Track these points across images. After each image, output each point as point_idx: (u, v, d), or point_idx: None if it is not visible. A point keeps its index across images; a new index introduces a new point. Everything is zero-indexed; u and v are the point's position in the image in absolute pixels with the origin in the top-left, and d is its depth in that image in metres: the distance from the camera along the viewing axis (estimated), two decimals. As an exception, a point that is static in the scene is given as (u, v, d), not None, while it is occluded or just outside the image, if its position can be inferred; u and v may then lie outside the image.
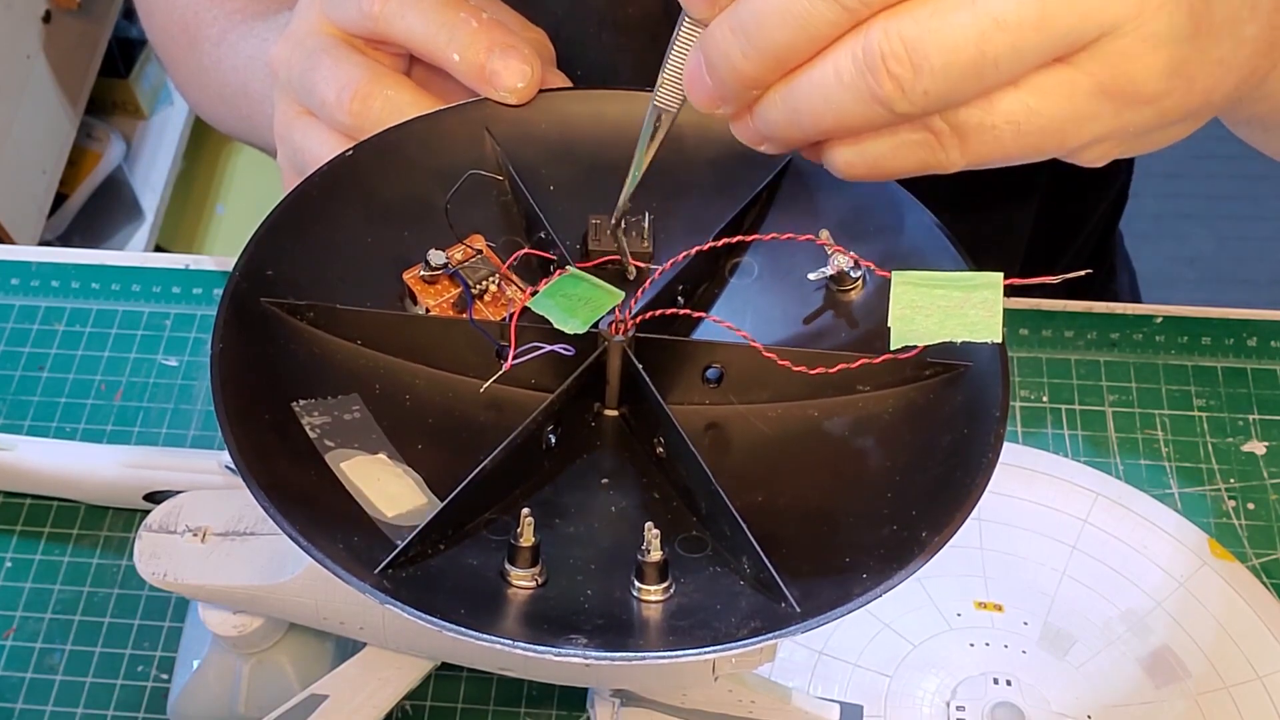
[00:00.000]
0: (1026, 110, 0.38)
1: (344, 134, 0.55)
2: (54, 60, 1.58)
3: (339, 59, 0.55)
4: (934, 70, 0.37)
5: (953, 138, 0.40)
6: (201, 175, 1.91)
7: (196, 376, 0.68)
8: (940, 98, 0.38)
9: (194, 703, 0.56)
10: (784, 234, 0.49)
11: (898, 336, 0.41)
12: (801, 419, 0.47)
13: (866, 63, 0.37)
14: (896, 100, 0.38)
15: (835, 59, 0.38)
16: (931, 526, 0.41)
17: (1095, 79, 0.38)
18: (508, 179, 0.52)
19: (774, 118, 0.41)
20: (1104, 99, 0.38)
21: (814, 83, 0.39)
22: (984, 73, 0.37)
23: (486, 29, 0.53)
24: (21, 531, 0.64)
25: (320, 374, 0.46)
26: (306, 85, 0.56)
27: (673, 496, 0.45)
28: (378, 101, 0.54)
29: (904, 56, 0.37)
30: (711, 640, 0.39)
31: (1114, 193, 0.88)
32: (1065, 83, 0.38)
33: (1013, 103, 0.38)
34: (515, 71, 0.53)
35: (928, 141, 0.40)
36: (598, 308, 0.45)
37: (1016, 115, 0.39)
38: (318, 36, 0.56)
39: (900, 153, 0.40)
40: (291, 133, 0.57)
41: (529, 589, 0.41)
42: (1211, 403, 0.67)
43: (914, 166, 0.41)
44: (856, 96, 0.38)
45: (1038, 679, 0.57)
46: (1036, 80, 0.38)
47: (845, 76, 0.38)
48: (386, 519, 0.43)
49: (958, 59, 0.37)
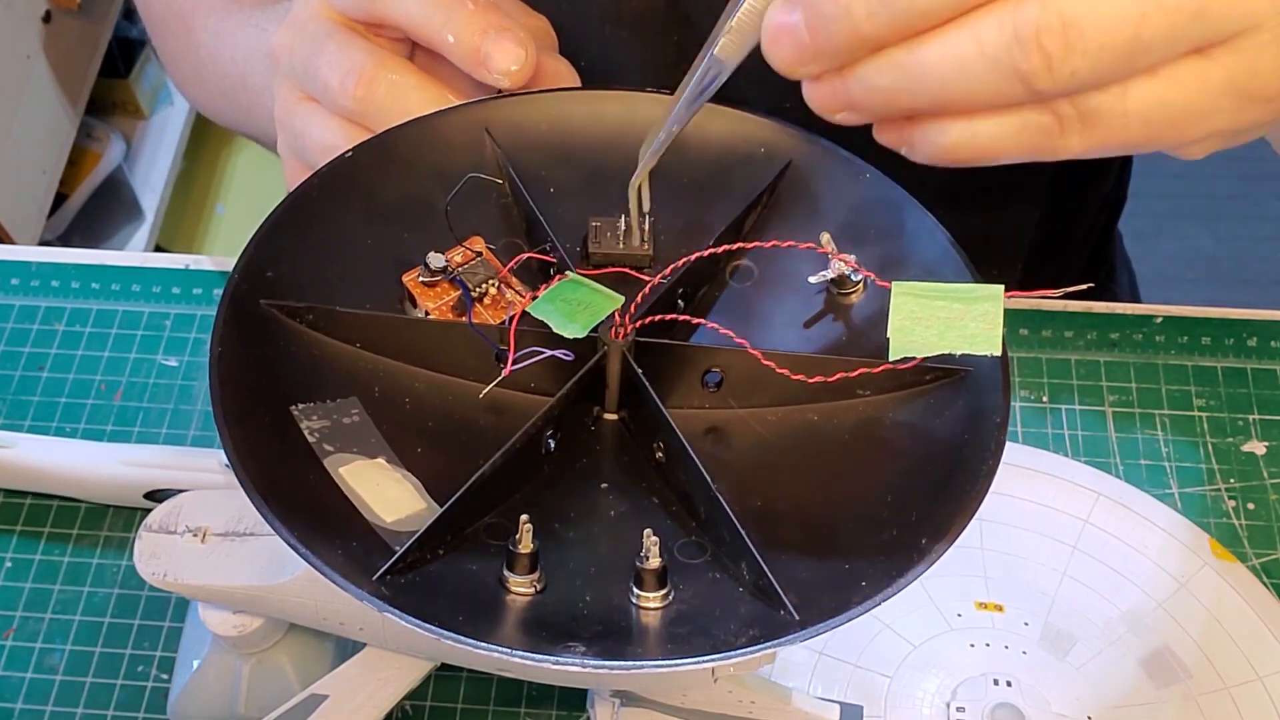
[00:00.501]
0: (1160, 100, 0.38)
1: (348, 119, 0.55)
2: (54, 60, 1.58)
3: (342, 43, 0.55)
4: (1088, 49, 0.36)
5: (1077, 123, 0.38)
6: (201, 175, 1.91)
7: (196, 376, 0.68)
8: (1085, 79, 0.37)
9: (194, 703, 0.56)
10: (785, 239, 0.49)
11: (897, 348, 0.41)
12: (801, 423, 0.47)
13: (1017, 33, 0.36)
14: (1041, 77, 0.36)
15: (979, 26, 0.36)
16: (932, 533, 0.41)
17: (1228, 73, 0.37)
18: (508, 181, 0.52)
19: (881, 83, 0.38)
20: (1230, 94, 0.38)
21: (948, 50, 0.37)
22: (1135, 57, 0.36)
23: (482, 11, 0.53)
24: (21, 531, 0.64)
25: (319, 377, 0.46)
26: (310, 70, 0.56)
27: (672, 501, 0.45)
28: (382, 86, 0.54)
29: (1059, 31, 0.36)
30: (710, 648, 0.39)
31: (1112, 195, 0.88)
32: (1199, 75, 0.37)
33: (1148, 91, 0.38)
34: (509, 55, 0.52)
35: (1048, 126, 0.39)
36: (597, 312, 0.45)
37: (1149, 104, 0.38)
38: (320, 21, 0.56)
39: (1017, 135, 0.39)
40: (293, 119, 0.57)
41: (527, 595, 0.41)
42: (1211, 403, 0.66)
43: (1026, 152, 0.39)
44: (996, 69, 0.37)
45: (1038, 679, 0.57)
46: (1173, 70, 0.37)
47: (989, 47, 0.36)
48: (385, 524, 0.43)
49: (1113, 39, 0.36)
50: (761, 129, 0.52)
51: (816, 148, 0.51)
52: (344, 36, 0.55)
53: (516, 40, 0.53)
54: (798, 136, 0.52)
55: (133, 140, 1.77)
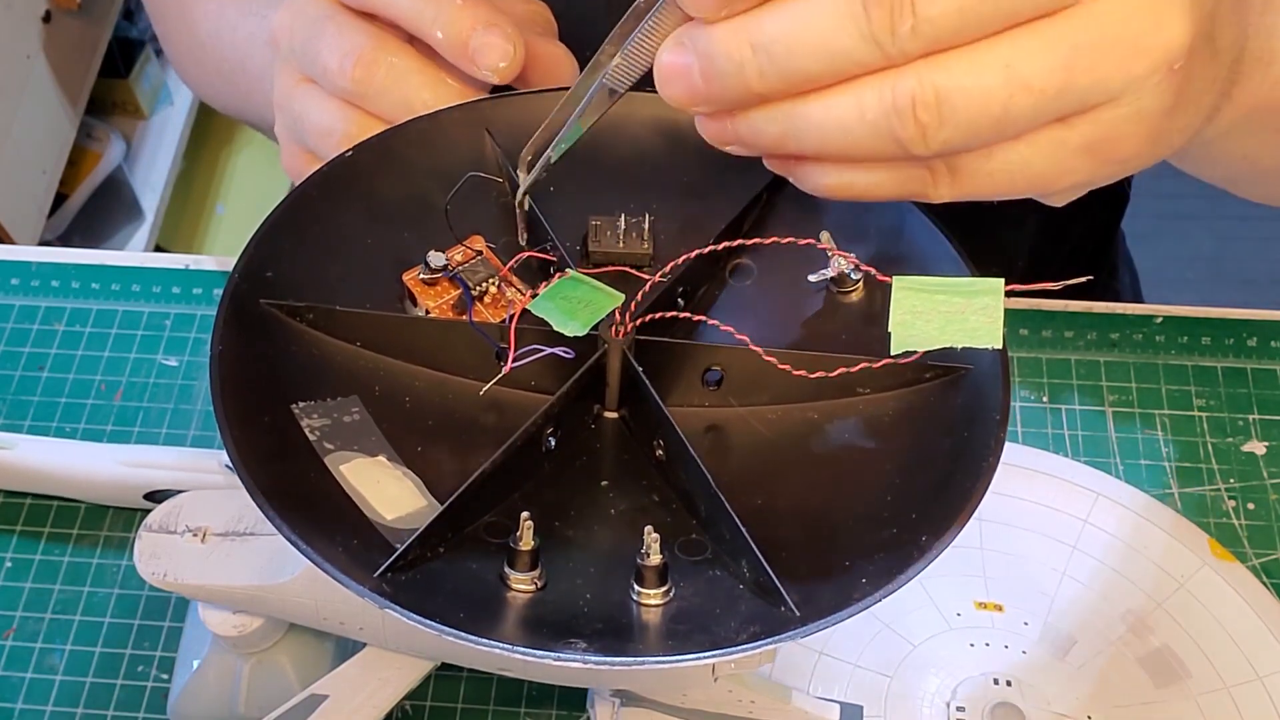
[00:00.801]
0: (1021, 161, 0.40)
1: (346, 101, 0.55)
2: (54, 60, 1.58)
3: (342, 26, 0.55)
4: (959, 123, 0.38)
5: (947, 176, 0.41)
6: (201, 175, 1.91)
7: (196, 376, 0.68)
8: (956, 146, 0.39)
9: (194, 703, 0.56)
10: (785, 236, 0.49)
11: (898, 342, 0.41)
12: (802, 421, 0.47)
13: (895, 104, 0.38)
14: (915, 144, 0.38)
15: (860, 94, 0.38)
16: (932, 530, 0.41)
17: (1084, 139, 0.40)
18: (507, 180, 0.52)
19: (767, 130, 0.40)
20: (1087, 157, 0.40)
21: (831, 111, 0.39)
22: (1003, 128, 0.39)
23: (471, 6, 0.53)
24: (21, 531, 0.64)
25: (320, 376, 0.46)
26: (309, 52, 0.56)
27: (672, 499, 0.45)
28: (381, 68, 0.54)
29: (934, 106, 0.38)
30: (711, 645, 0.39)
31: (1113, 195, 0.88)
32: (1058, 141, 0.40)
33: (1010, 154, 0.40)
34: (497, 51, 0.53)
35: (922, 177, 0.41)
36: (598, 310, 0.45)
37: (1012, 165, 0.40)
38: (320, 4, 0.56)
39: (891, 183, 0.41)
40: (292, 101, 0.57)
41: (528, 593, 0.41)
42: (1211, 403, 0.67)
43: (899, 196, 0.42)
44: (875, 133, 0.39)
45: (1038, 679, 0.57)
46: (1035, 136, 0.40)
47: (869, 113, 0.38)
48: (386, 522, 0.43)
49: (983, 115, 0.38)
50: (762, 128, 0.52)
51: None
52: (343, 19, 0.55)
53: (504, 36, 0.53)
54: None
55: (133, 140, 1.77)
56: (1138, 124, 0.40)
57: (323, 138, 0.55)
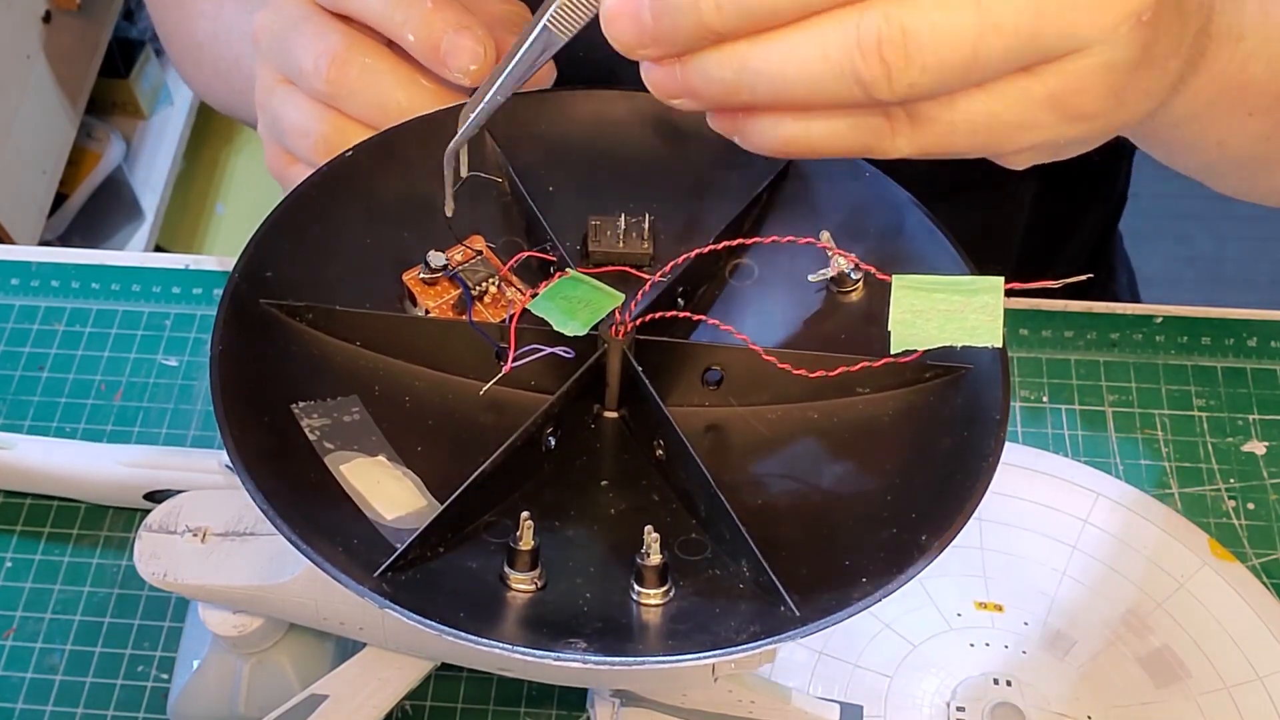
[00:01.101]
0: (985, 111, 0.39)
1: (322, 102, 0.55)
2: (54, 60, 1.58)
3: (318, 26, 0.55)
4: (926, 64, 0.37)
5: (906, 126, 0.40)
6: (201, 175, 1.91)
7: (196, 376, 0.68)
8: (922, 91, 0.38)
9: (194, 703, 0.56)
10: (785, 236, 0.49)
11: (898, 341, 0.41)
12: (802, 421, 0.47)
13: (860, 42, 0.36)
14: (879, 86, 0.37)
15: (823, 31, 0.37)
16: (932, 530, 0.41)
17: (1049, 91, 0.39)
18: (507, 180, 0.52)
19: (722, 76, 0.38)
20: (1052, 111, 0.39)
21: (792, 50, 0.37)
22: (970, 73, 0.37)
23: (441, 9, 0.53)
24: (21, 531, 0.64)
25: (320, 376, 0.46)
26: (286, 53, 0.56)
27: (672, 499, 0.45)
28: (355, 69, 0.54)
29: (900, 44, 0.36)
30: (711, 645, 0.39)
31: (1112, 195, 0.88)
32: (1023, 91, 0.39)
33: (975, 103, 0.39)
34: (467, 53, 0.52)
35: (880, 127, 0.40)
36: (598, 310, 0.45)
37: (975, 115, 0.39)
38: (298, 5, 0.56)
39: (848, 133, 0.40)
40: (270, 100, 0.57)
41: (528, 592, 0.41)
42: (1211, 403, 0.67)
43: (855, 149, 0.40)
44: (837, 74, 0.37)
45: (1038, 679, 0.57)
46: (999, 85, 0.39)
47: (832, 51, 0.37)
48: (386, 522, 0.43)
49: (951, 56, 0.37)
50: (762, 128, 0.52)
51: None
52: (320, 19, 0.55)
53: (475, 39, 0.53)
54: None
55: (133, 140, 1.77)
56: (1104, 76, 0.39)
57: (299, 138, 0.55)
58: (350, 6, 0.54)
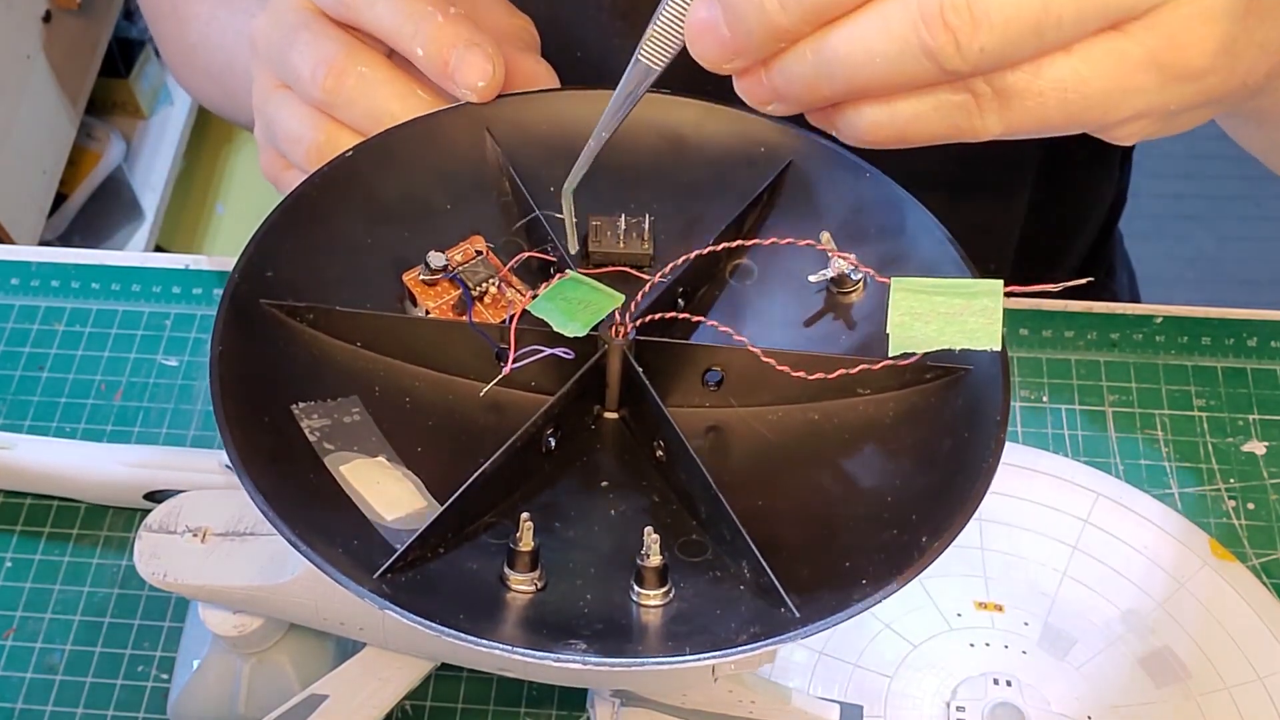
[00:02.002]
0: (1076, 77, 0.37)
1: (318, 109, 0.55)
2: (54, 60, 1.58)
3: (317, 34, 0.55)
4: (994, 25, 0.36)
5: (994, 101, 0.38)
6: (201, 175, 1.91)
7: (196, 376, 0.68)
8: (995, 56, 0.36)
9: (194, 703, 0.56)
10: (785, 237, 0.49)
11: (896, 343, 0.41)
12: (802, 422, 0.47)
13: (921, 12, 0.36)
14: (949, 55, 0.36)
15: (884, 7, 0.37)
16: (932, 531, 0.41)
17: (1147, 49, 0.37)
18: (508, 180, 0.52)
19: (799, 72, 0.39)
20: (1152, 71, 0.37)
21: (856, 33, 0.37)
22: (1044, 33, 0.36)
23: (452, 24, 0.53)
24: (21, 531, 0.64)
25: (320, 376, 0.46)
26: (283, 59, 0.56)
27: (672, 500, 0.45)
28: (351, 78, 0.54)
29: (964, 7, 0.35)
30: (711, 646, 0.39)
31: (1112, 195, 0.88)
32: (1116, 51, 0.37)
33: (1062, 68, 0.37)
34: (476, 70, 0.52)
35: (966, 105, 0.39)
36: (598, 311, 0.45)
37: (1065, 82, 0.37)
38: (297, 11, 0.56)
39: (934, 115, 0.39)
40: (267, 106, 0.57)
41: (528, 593, 0.41)
42: (1211, 403, 0.66)
43: (946, 132, 0.40)
44: (904, 49, 0.37)
45: (1038, 679, 0.57)
46: (1088, 47, 0.37)
47: (895, 26, 0.36)
48: (386, 522, 0.43)
49: (1020, 15, 0.36)
50: (762, 129, 0.52)
51: (817, 147, 0.51)
52: (318, 26, 0.55)
53: (484, 55, 0.52)
54: (798, 136, 0.52)
55: (133, 140, 1.77)
56: (1206, 25, 0.36)
57: (293, 144, 0.55)
58: (361, 18, 0.54)
